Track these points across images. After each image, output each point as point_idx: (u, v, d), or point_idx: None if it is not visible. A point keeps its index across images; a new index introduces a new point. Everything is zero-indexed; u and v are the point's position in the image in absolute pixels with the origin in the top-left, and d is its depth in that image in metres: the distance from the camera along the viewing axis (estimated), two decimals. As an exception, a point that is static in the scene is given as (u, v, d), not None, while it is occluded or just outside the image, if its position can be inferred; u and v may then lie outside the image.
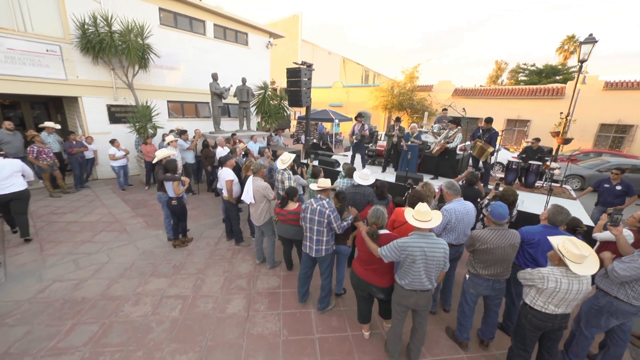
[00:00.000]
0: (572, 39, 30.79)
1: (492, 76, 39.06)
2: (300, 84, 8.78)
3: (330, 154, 9.44)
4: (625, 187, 5.50)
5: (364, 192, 3.84)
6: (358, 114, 8.01)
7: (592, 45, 7.04)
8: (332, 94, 26.07)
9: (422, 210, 2.47)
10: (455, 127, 6.63)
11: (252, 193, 4.00)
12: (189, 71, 9.91)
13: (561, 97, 15.27)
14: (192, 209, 6.46)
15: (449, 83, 19.31)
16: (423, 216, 2.47)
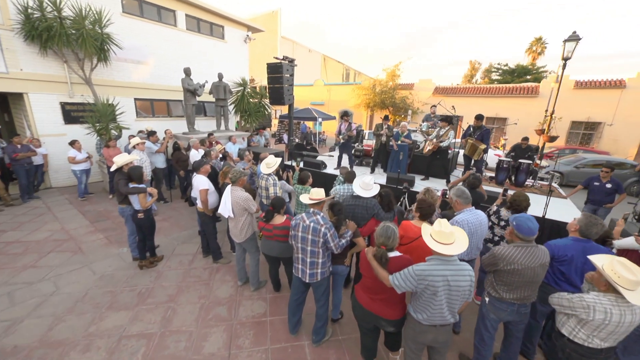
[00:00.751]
0: (539, 41, 32.23)
1: (467, 75, 40.10)
2: (282, 80, 8.17)
3: (315, 154, 8.92)
4: (615, 185, 5.42)
5: (367, 204, 3.32)
6: (344, 113, 7.53)
7: (575, 42, 6.99)
8: (313, 92, 25.51)
9: (445, 231, 1.99)
10: (447, 125, 6.32)
11: (230, 205, 3.38)
12: (159, 66, 8.96)
13: (535, 96, 15.66)
14: (163, 220, 5.70)
15: (430, 82, 19.36)
16: (445, 237, 1.99)
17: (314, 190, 2.83)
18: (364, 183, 3.39)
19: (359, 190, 3.36)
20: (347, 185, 4.00)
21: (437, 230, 2.03)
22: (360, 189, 3.37)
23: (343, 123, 7.57)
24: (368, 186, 3.38)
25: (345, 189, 3.98)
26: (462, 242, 2.02)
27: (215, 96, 8.32)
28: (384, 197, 3.41)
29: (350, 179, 4.01)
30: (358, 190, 3.37)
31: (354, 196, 3.43)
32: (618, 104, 13.79)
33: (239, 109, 9.86)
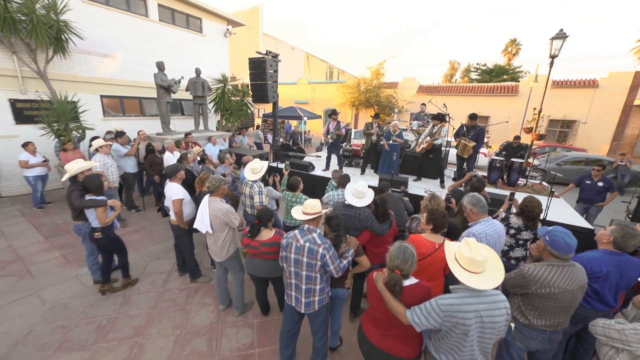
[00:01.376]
0: (514, 42, 33.31)
1: (447, 75, 40.86)
2: (266, 76, 7.61)
3: (302, 155, 8.44)
4: (607, 184, 5.34)
5: (360, 215, 2.91)
6: (332, 111, 7.10)
7: (562, 40, 6.93)
8: (297, 90, 24.92)
9: (477, 259, 1.58)
10: (439, 122, 6.03)
11: (208, 220, 2.86)
12: (128, 60, 8.12)
13: (515, 95, 15.94)
14: (134, 232, 5.04)
15: (414, 80, 19.32)
16: (478, 266, 1.59)
17: (309, 202, 2.36)
18: (357, 191, 2.97)
19: (351, 199, 2.94)
20: (342, 190, 3.58)
21: (467, 257, 1.61)
22: (353, 198, 2.95)
23: (331, 122, 7.14)
24: (361, 194, 2.96)
25: (339, 194, 3.56)
26: (496, 271, 1.62)
27: (193, 93, 7.63)
28: (379, 206, 3.00)
29: (344, 183, 3.60)
30: (350, 198, 2.95)
31: (345, 205, 3.01)
32: (592, 102, 14.25)
33: (219, 107, 9.18)
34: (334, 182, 4.12)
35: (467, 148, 5.55)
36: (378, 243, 3.05)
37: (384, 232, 2.92)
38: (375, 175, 7.13)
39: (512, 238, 3.03)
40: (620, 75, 13.68)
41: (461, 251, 1.65)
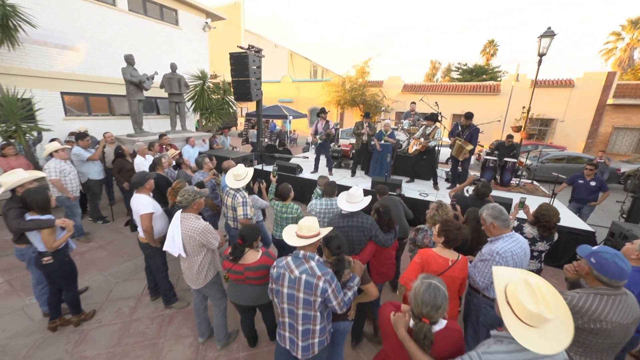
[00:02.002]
0: (492, 43, 34.23)
1: (428, 74, 41.45)
2: (248, 72, 7.06)
3: (288, 156, 7.96)
4: (599, 183, 5.25)
5: (362, 223, 2.52)
6: (321, 110, 6.67)
7: (550, 38, 6.85)
8: (281, 89, 24.27)
9: (545, 316, 1.12)
10: (433, 123, 5.75)
11: (180, 241, 2.35)
12: (94, 53, 7.30)
13: (497, 94, 16.16)
14: (100, 248, 4.40)
15: (399, 79, 19.24)
16: (536, 319, 1.17)
17: (304, 223, 1.90)
18: (351, 195, 2.61)
19: (345, 205, 2.56)
20: (326, 200, 3.16)
21: (529, 312, 1.15)
22: (347, 204, 2.57)
23: (320, 121, 6.71)
24: (356, 198, 2.59)
25: (323, 204, 3.14)
26: (563, 326, 1.19)
27: (168, 90, 6.95)
28: (382, 215, 2.63)
29: (330, 191, 3.18)
30: (344, 205, 2.57)
31: (343, 215, 2.61)
32: (568, 102, 14.65)
33: (198, 105, 8.51)
34: (319, 189, 3.69)
35: (463, 151, 5.30)
36: (381, 258, 2.67)
37: (390, 242, 2.54)
38: (366, 177, 6.78)
39: (525, 250, 2.74)
40: (594, 75, 14.13)
41: (519, 296, 1.21)
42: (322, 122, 6.71)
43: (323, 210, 3.13)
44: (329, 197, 3.19)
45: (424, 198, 5.36)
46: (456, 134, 5.53)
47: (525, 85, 15.37)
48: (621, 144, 14.24)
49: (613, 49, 25.43)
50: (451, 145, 5.69)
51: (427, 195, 5.45)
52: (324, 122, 6.70)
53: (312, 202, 3.23)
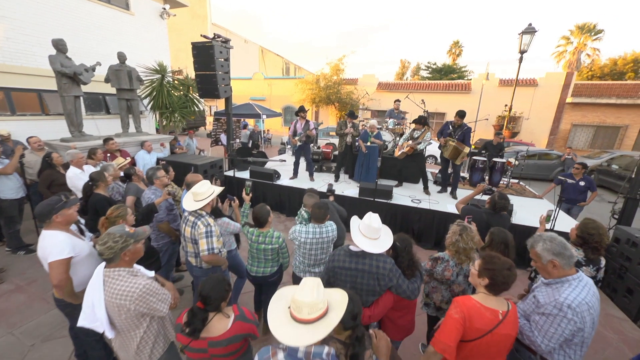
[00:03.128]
0: (457, 44, 35.51)
1: (398, 73, 42.15)
2: (215, 65, 6.09)
3: (264, 160, 7.11)
4: (588, 183, 5.10)
5: (378, 268, 1.83)
6: (300, 109, 5.93)
7: (531, 35, 6.69)
8: (252, 86, 23.00)
9: None
10: (422, 127, 5.25)
11: (104, 313, 1.51)
12: (16, 38, 5.87)
13: (468, 92, 16.44)
14: (18, 291, 3.33)
15: (373, 77, 18.96)
16: None
17: (305, 296, 1.14)
18: (369, 227, 1.88)
19: (361, 241, 1.85)
20: (314, 227, 2.45)
21: None
22: (364, 240, 1.86)
23: (299, 121, 5.96)
24: (375, 232, 1.89)
25: (310, 234, 2.42)
26: None
27: (116, 85, 5.77)
28: (403, 252, 1.98)
29: (320, 216, 2.44)
30: (361, 241, 1.86)
31: (352, 253, 1.91)
32: (532, 100, 15.24)
33: (156, 104, 7.33)
34: (304, 211, 2.89)
35: (461, 154, 4.85)
36: (400, 307, 2.02)
37: (416, 293, 1.90)
38: (350, 181, 6.16)
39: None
40: (555, 75, 14.81)
41: None
42: (301, 121, 5.97)
43: (310, 241, 2.40)
44: (318, 224, 2.47)
45: (417, 205, 4.85)
46: (447, 134, 5.08)
47: (492, 84, 15.76)
48: (579, 140, 15.11)
49: (563, 52, 27.39)
50: (441, 146, 5.24)
51: (419, 202, 4.95)
52: (304, 122, 5.96)
53: (295, 229, 2.49)
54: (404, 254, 1.93)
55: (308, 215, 2.64)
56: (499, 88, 15.80)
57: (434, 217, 4.65)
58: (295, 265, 2.60)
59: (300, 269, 2.56)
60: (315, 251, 2.45)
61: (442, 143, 5.05)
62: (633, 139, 13.99)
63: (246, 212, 2.79)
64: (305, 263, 2.51)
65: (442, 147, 5.08)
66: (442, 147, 5.08)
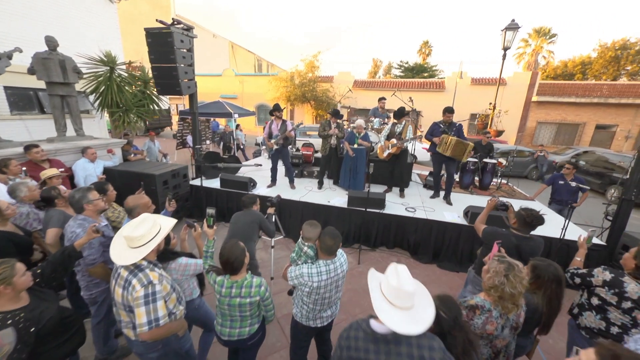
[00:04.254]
0: (426, 44, 36.32)
1: (371, 72, 42.39)
2: (175, 57, 5.14)
3: (236, 165, 6.24)
4: (579, 183, 4.93)
5: (423, 357, 1.15)
6: (275, 107, 5.17)
7: (514, 31, 6.49)
8: (223, 83, 21.57)
9: None
10: (403, 119, 4.73)
11: None
12: None
13: (442, 90, 16.56)
14: None
15: (349, 74, 18.51)
16: None
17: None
18: (399, 292, 1.17)
19: (391, 317, 1.15)
20: (326, 264, 1.80)
21: None
22: (394, 313, 1.17)
23: (274, 121, 5.22)
24: (408, 299, 1.17)
25: (323, 274, 1.78)
26: None
27: (44, 78, 4.59)
28: (453, 327, 1.34)
29: (331, 249, 1.81)
30: (389, 315, 1.16)
31: (376, 337, 1.20)
32: (502, 98, 15.65)
33: (104, 101, 6.14)
34: (306, 246, 1.98)
35: (467, 149, 4.40)
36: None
37: None
38: (336, 188, 5.53)
39: (624, 314, 1.79)
40: (522, 75, 15.34)
41: None
42: (277, 122, 5.23)
43: (324, 283, 1.75)
44: (328, 257, 1.81)
45: (412, 214, 4.34)
46: (441, 132, 4.61)
47: (465, 82, 16.00)
48: (543, 136, 15.82)
49: (523, 53, 29.00)
50: (431, 146, 4.76)
51: (414, 211, 4.45)
52: (280, 122, 5.22)
53: (302, 273, 1.79)
54: (457, 330, 1.29)
55: (313, 250, 1.94)
56: (471, 87, 16.08)
57: (432, 228, 4.17)
58: (302, 314, 1.94)
59: (309, 317, 1.93)
60: (330, 292, 1.86)
61: (437, 142, 4.59)
62: (590, 135, 14.90)
63: (210, 252, 2.03)
64: (317, 310, 1.89)
65: (438, 146, 4.61)
66: (438, 146, 4.61)
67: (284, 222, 4.90)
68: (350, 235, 4.56)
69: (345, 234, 4.56)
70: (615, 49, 25.21)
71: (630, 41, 24.58)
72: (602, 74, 26.21)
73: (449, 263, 4.11)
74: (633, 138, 14.25)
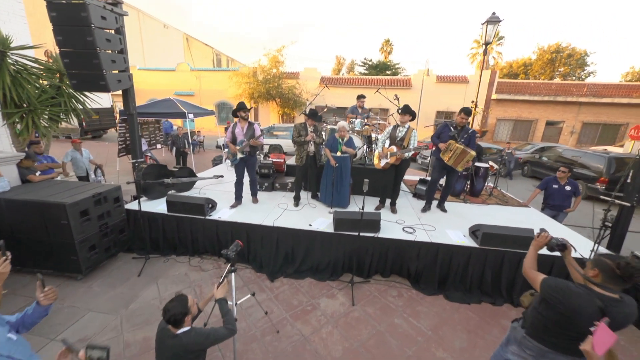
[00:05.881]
0: (388, 43, 36.81)
1: (334, 70, 41.98)
2: (93, 38, 3.77)
3: (190, 179, 4.97)
4: (574, 188, 4.61)
5: None
6: (240, 107, 4.06)
7: (495, 24, 6.09)
8: (177, 79, 19.28)
9: None
10: (407, 120, 3.96)
11: None
12: None
13: (409, 88, 16.43)
14: None
15: (315, 70, 17.58)
16: None
17: None
18: None
19: None
20: None
21: None
22: None
23: (238, 124, 4.12)
24: None
25: None
26: None
27: None
28: None
29: None
30: None
31: None
32: (465, 96, 15.99)
33: (-4, 99, 4.42)
34: None
35: (466, 157, 3.75)
36: None
37: None
38: (316, 204, 4.58)
39: None
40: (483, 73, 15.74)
41: None
42: (241, 124, 4.13)
43: None
44: None
45: (412, 236, 3.58)
46: (448, 138, 3.93)
47: (431, 80, 16.03)
48: (502, 133, 16.52)
49: (476, 53, 30.62)
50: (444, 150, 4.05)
51: (413, 232, 3.69)
52: (246, 125, 4.14)
53: None
54: None
55: None
56: (437, 84, 16.16)
57: (438, 252, 3.45)
58: None
59: None
60: None
61: (442, 148, 3.89)
62: (542, 131, 15.87)
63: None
64: None
65: (442, 152, 3.92)
66: (442, 152, 3.92)
67: (253, 254, 3.85)
68: (338, 266, 3.68)
69: (333, 265, 3.66)
70: (550, 52, 27.69)
71: (562, 45, 27.23)
72: (541, 75, 28.69)
73: (457, 292, 3.43)
74: (577, 133, 15.46)
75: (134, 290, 3.35)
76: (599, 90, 14.52)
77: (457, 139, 3.88)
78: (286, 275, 3.64)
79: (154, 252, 4.06)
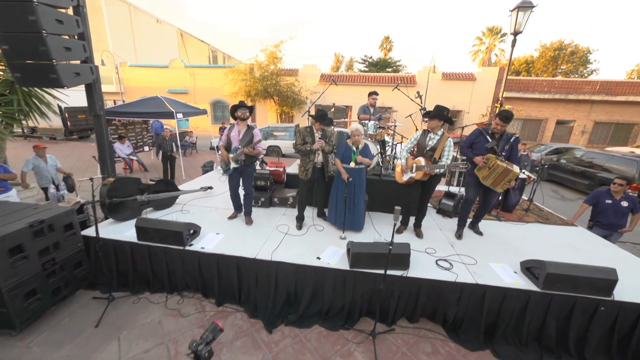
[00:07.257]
0: (388, 40, 35.90)
1: (333, 67, 41.02)
2: (37, 18, 2.88)
3: (172, 194, 4.10)
4: (632, 204, 3.81)
5: None
6: (238, 105, 3.20)
7: (528, 10, 5.24)
8: (170, 76, 18.29)
9: None
10: (439, 126, 3.14)
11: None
12: None
13: (414, 85, 15.57)
14: None
15: (315, 67, 16.66)
16: None
17: None
18: None
19: None
20: None
21: None
22: None
23: (236, 126, 3.28)
24: None
25: None
26: None
27: None
28: None
29: None
30: None
31: None
32: (472, 94, 15.18)
33: None
34: None
35: (508, 177, 2.95)
36: None
37: None
38: (323, 225, 3.72)
39: None
40: (490, 70, 14.93)
41: None
42: (239, 126, 3.28)
43: None
44: None
45: (451, 275, 2.75)
46: (485, 150, 3.12)
47: (436, 77, 15.19)
48: (510, 132, 15.75)
49: (478, 51, 29.80)
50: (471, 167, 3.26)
51: (451, 267, 2.86)
52: (244, 129, 3.29)
53: None
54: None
55: None
56: (442, 82, 15.33)
57: (485, 296, 2.62)
58: None
59: None
60: None
61: (481, 164, 3.08)
62: (551, 130, 15.10)
63: None
64: None
65: (478, 168, 3.12)
66: (478, 168, 3.12)
67: (246, 293, 3.01)
68: (354, 310, 2.85)
69: (348, 309, 2.84)
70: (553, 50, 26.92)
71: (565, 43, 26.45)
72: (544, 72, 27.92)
73: (510, 347, 2.63)
74: (588, 133, 14.72)
75: (85, 351, 2.50)
76: (612, 87, 13.76)
77: (496, 152, 3.06)
78: (288, 323, 2.81)
79: (122, 288, 3.21)
